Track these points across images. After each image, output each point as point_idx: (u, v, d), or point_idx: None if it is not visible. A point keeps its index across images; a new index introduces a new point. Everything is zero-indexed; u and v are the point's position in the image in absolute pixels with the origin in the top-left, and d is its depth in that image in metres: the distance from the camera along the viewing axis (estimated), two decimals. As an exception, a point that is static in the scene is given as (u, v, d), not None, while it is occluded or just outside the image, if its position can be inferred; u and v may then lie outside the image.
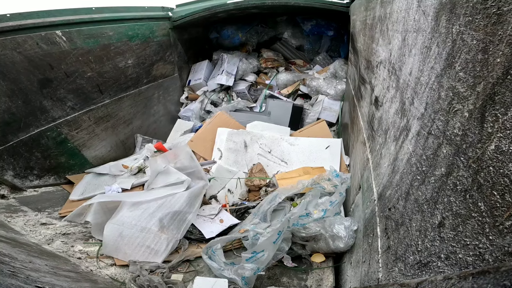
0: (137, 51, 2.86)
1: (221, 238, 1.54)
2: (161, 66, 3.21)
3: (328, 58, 3.78)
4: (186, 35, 3.69)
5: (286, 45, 4.11)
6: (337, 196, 1.66)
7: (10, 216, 1.65)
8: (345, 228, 1.39)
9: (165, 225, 1.61)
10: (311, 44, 3.99)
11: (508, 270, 0.30)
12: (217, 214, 1.86)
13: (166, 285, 1.30)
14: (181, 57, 3.62)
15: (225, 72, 3.74)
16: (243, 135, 2.48)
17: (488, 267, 0.33)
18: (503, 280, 0.29)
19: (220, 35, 4.06)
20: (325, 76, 3.42)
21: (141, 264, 1.44)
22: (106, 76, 2.61)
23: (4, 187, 1.89)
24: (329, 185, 1.80)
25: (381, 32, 1.24)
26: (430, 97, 0.66)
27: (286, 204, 1.86)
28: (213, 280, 1.29)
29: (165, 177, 1.93)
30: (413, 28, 0.77)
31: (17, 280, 0.84)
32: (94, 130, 2.61)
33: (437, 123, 0.62)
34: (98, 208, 1.71)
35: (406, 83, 0.84)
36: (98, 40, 2.47)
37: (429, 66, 0.67)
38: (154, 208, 1.66)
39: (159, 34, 3.12)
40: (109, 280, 1.38)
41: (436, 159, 0.60)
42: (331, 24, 3.81)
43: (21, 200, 1.88)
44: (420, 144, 0.69)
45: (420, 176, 0.67)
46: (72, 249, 1.57)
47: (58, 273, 1.14)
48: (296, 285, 1.42)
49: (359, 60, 1.98)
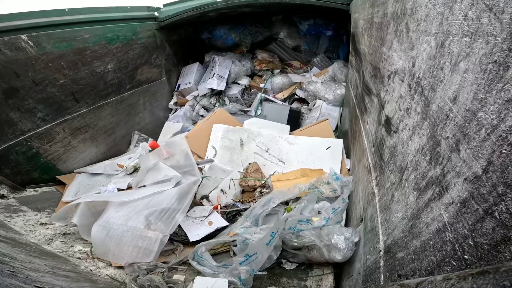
0: (118, 54, 2.56)
1: (208, 242, 1.45)
2: (146, 70, 2.92)
3: (327, 60, 3.49)
4: (175, 36, 3.39)
5: (282, 45, 3.82)
6: (340, 203, 1.51)
7: (9, 216, 1.61)
8: (345, 239, 1.26)
9: (151, 222, 1.53)
10: (309, 45, 3.70)
11: (508, 270, 0.29)
12: (207, 216, 1.77)
13: (167, 285, 1.28)
14: (169, 59, 3.32)
15: (216, 76, 3.46)
16: (240, 132, 2.29)
17: (488, 268, 0.31)
18: (503, 280, 0.28)
19: (212, 35, 3.76)
20: (323, 80, 3.13)
21: (139, 264, 1.41)
22: (82, 82, 2.32)
23: (4, 186, 1.84)
24: (328, 189, 1.67)
25: (396, 33, 0.96)
26: (498, 153, 0.39)
27: (280, 208, 1.71)
28: (213, 280, 1.24)
29: (155, 174, 1.82)
30: (464, 31, 0.49)
31: (16, 280, 0.83)
32: (71, 143, 2.33)
33: (509, 205, 0.34)
34: (85, 209, 1.61)
35: (444, 112, 0.57)
36: (72, 44, 2.18)
37: (502, 96, 0.39)
38: (141, 206, 1.58)
39: (143, 36, 2.83)
40: (108, 280, 1.35)
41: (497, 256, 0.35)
42: (329, 23, 3.52)
43: (21, 200, 1.83)
44: (467, 222, 0.43)
45: (458, 264, 0.40)
46: (71, 249, 1.54)
47: (58, 273, 1.13)
48: (296, 285, 1.39)
49: (362, 64, 1.70)
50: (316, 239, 1.31)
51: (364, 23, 1.63)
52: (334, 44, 3.60)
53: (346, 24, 3.17)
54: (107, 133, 2.61)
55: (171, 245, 1.61)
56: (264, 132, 2.31)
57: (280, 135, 2.27)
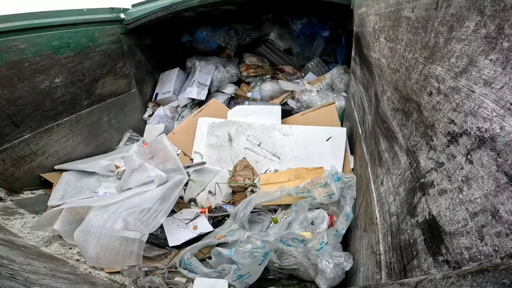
0: (68, 65, 2.04)
1: (193, 246, 1.38)
2: (110, 82, 2.40)
3: (323, 65, 2.97)
4: (149, 40, 2.86)
5: (272, 48, 3.31)
6: (342, 223, 1.24)
7: (7, 219, 1.57)
8: (335, 266, 1.09)
9: (130, 223, 1.45)
10: (302, 47, 3.17)
11: (507, 268, 0.28)
12: (192, 220, 1.65)
13: (167, 286, 1.24)
14: (141, 67, 2.79)
15: (197, 83, 2.95)
16: (227, 126, 2.01)
17: (487, 266, 0.30)
18: (502, 278, 0.28)
19: (193, 38, 3.24)
20: (320, 88, 2.63)
21: (139, 266, 1.36)
22: (21, 102, 1.82)
23: (1, 189, 1.77)
24: (322, 193, 1.42)
25: (493, 40, 0.45)
26: None
27: (266, 217, 1.54)
28: (213, 280, 1.19)
29: (140, 175, 1.72)
30: None
31: (15, 282, 0.81)
32: (14, 174, 1.83)
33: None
34: (67, 216, 1.53)
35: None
36: (3, 57, 1.69)
37: None
38: (122, 208, 1.51)
39: (104, 42, 2.30)
40: (108, 282, 1.31)
41: None
42: (325, 22, 3.00)
43: (18, 203, 1.76)
44: None
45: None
46: (70, 251, 1.50)
47: (57, 275, 1.10)
48: (296, 284, 1.32)
49: (374, 81, 1.19)
50: (303, 258, 1.17)
51: (379, 20, 1.12)
52: (331, 46, 3.08)
53: (346, 23, 2.67)
54: (60, 160, 2.10)
55: (163, 249, 1.52)
56: (254, 123, 1.98)
57: (273, 125, 1.95)
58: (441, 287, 0.34)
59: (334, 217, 1.44)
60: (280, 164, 1.85)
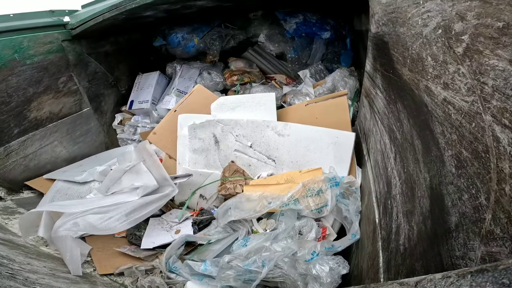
0: (-19, 86, 1.51)
1: (171, 248, 1.23)
2: (49, 102, 1.84)
3: (325, 73, 2.35)
4: (107, 46, 2.29)
5: (261, 53, 2.70)
6: (344, 242, 1.09)
7: (7, 218, 1.48)
8: (331, 270, 0.99)
9: (78, 224, 1.29)
10: (297, 52, 2.53)
11: (507, 268, 0.28)
12: (179, 223, 1.49)
13: (167, 286, 1.17)
14: (97, 80, 2.22)
15: (175, 91, 2.42)
16: (210, 127, 1.67)
17: (487, 265, 0.29)
18: (502, 278, 0.28)
19: (167, 41, 2.65)
20: (319, 93, 2.07)
21: (136, 266, 1.28)
22: None
23: (1, 189, 1.66)
24: (312, 205, 1.16)
25: None
26: None
27: (243, 227, 1.30)
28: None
29: (133, 177, 1.55)
30: None
31: (15, 282, 0.80)
32: None
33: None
34: (48, 220, 1.35)
35: None
36: None
37: None
38: None
39: (38, 52, 1.75)
40: (108, 282, 1.23)
41: None
42: (326, 20, 2.37)
43: (18, 202, 1.65)
44: None
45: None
46: None
47: (57, 274, 1.07)
48: None
49: (425, 137, 0.60)
50: (290, 268, 1.04)
51: (465, 17, 0.51)
52: (333, 51, 2.45)
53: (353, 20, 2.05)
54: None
55: (152, 250, 1.41)
56: (242, 120, 1.62)
57: (266, 122, 1.59)
58: (441, 286, 0.33)
59: (327, 230, 1.25)
60: (276, 168, 1.55)
